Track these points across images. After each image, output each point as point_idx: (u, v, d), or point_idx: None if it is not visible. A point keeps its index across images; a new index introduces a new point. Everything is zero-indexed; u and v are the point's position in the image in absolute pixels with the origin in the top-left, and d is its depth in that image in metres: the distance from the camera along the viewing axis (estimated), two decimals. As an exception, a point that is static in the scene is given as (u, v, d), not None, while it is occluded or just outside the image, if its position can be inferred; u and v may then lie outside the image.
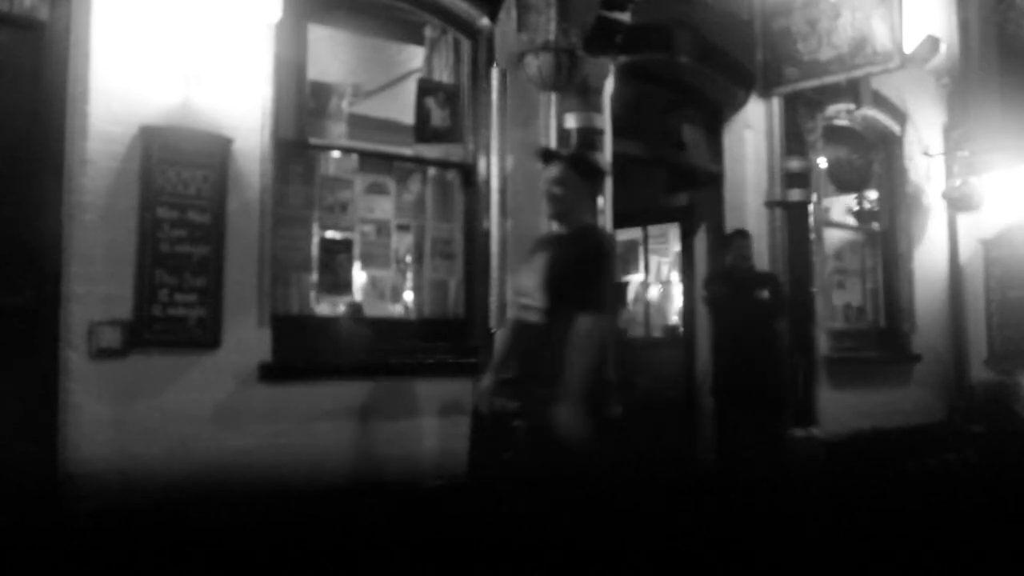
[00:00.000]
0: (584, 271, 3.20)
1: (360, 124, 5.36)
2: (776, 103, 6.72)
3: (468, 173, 5.25)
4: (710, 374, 6.30)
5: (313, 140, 4.86)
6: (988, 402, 7.92)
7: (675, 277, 7.91)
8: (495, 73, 5.24)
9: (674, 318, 7.91)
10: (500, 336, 3.81)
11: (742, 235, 6.21)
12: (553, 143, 5.25)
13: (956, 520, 4.96)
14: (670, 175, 7.18)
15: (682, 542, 4.50)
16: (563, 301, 3.18)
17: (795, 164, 6.74)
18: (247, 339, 4.18)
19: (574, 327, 3.11)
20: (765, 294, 5.99)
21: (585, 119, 5.25)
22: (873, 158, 8.18)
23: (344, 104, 5.25)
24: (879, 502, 5.45)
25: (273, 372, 4.24)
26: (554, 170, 3.42)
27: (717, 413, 6.18)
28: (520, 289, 3.46)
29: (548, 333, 3.22)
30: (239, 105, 4.22)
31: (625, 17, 5.18)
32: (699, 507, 5.20)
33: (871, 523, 4.88)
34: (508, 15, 5.13)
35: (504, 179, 5.20)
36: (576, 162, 3.54)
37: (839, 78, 6.28)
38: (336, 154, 5.00)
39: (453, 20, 5.24)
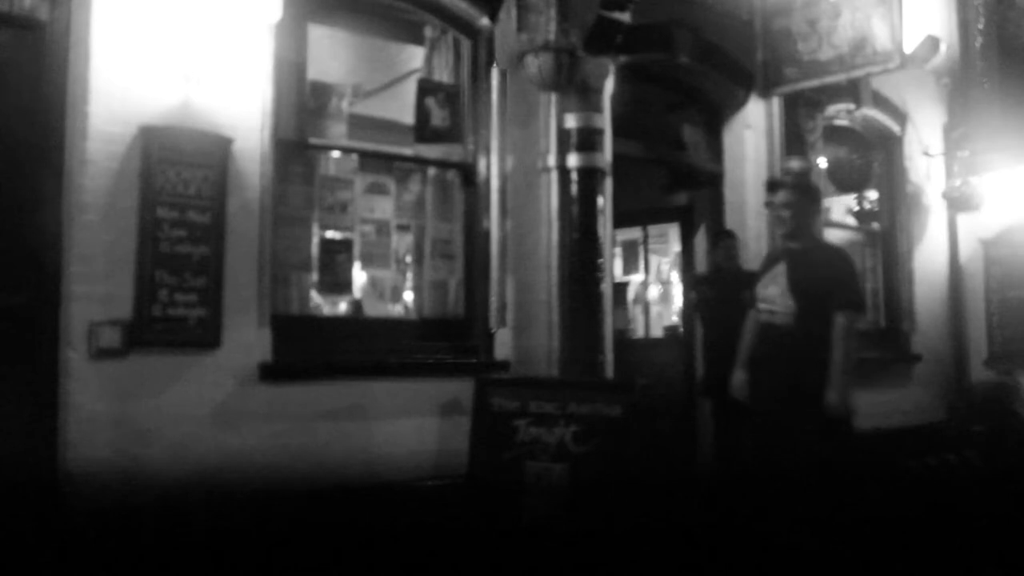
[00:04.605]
0: (834, 278, 3.89)
1: (360, 124, 5.36)
2: (776, 103, 6.72)
3: (468, 173, 5.25)
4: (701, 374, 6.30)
5: (313, 140, 4.86)
6: (988, 402, 7.91)
7: (675, 277, 7.92)
8: (495, 73, 5.23)
9: (674, 318, 7.91)
10: (746, 337, 4.31)
11: (729, 235, 6.22)
12: (553, 143, 5.25)
13: (957, 520, 4.96)
14: (670, 175, 7.17)
15: (680, 543, 4.51)
16: (813, 306, 3.84)
17: (795, 164, 6.73)
18: (247, 339, 4.18)
19: (834, 325, 3.77)
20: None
21: (585, 119, 5.25)
22: (873, 158, 8.18)
23: (344, 104, 5.25)
24: (880, 502, 5.44)
25: (273, 372, 4.24)
26: (781, 196, 4.08)
27: (716, 414, 6.18)
28: (764, 297, 4.07)
29: (799, 334, 3.86)
30: (239, 105, 4.22)
31: (625, 17, 5.18)
32: (699, 507, 5.20)
33: (871, 524, 4.87)
34: (508, 15, 5.13)
35: (504, 179, 5.20)
36: (799, 186, 4.26)
37: (839, 78, 6.28)
38: (336, 154, 5.00)
39: (453, 20, 5.24)
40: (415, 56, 5.51)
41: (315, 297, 4.87)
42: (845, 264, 4.04)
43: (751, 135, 6.72)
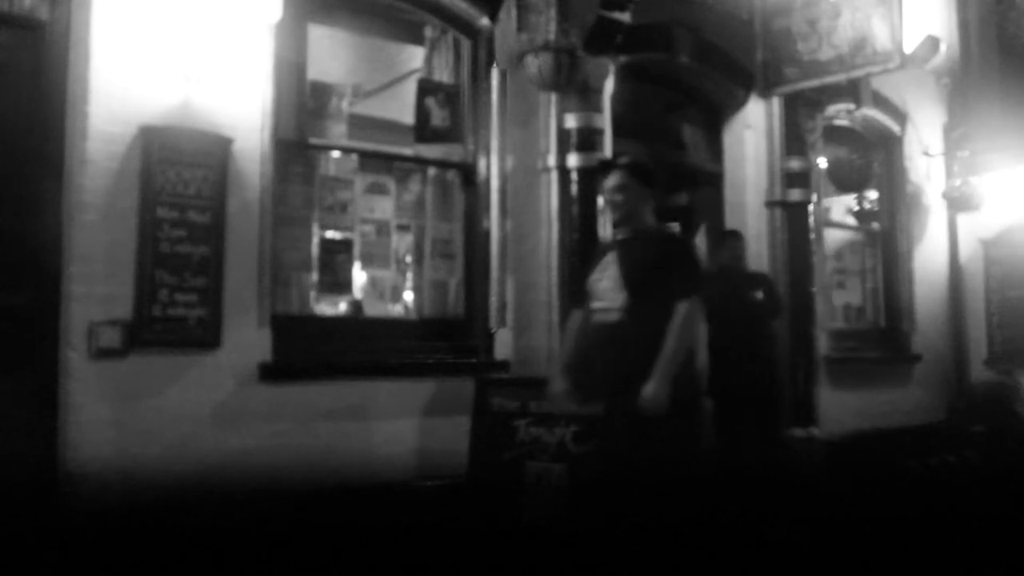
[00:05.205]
0: (671, 265, 3.46)
1: (360, 124, 5.37)
2: (776, 103, 6.72)
3: (468, 173, 5.25)
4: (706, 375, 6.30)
5: (313, 140, 4.87)
6: (988, 402, 7.91)
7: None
8: (495, 73, 5.24)
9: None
10: (567, 339, 3.82)
11: (735, 235, 6.22)
12: (553, 143, 5.25)
13: (957, 520, 4.96)
14: (670, 175, 7.17)
15: (680, 543, 4.50)
16: (648, 297, 3.39)
17: (795, 164, 6.73)
18: (247, 339, 4.18)
19: (674, 314, 3.33)
20: (759, 295, 6.00)
21: (585, 119, 5.25)
22: (873, 158, 8.18)
23: (344, 104, 5.25)
24: (880, 502, 5.45)
25: (273, 372, 4.24)
26: (614, 178, 3.65)
27: (718, 414, 6.18)
28: (595, 293, 3.60)
29: (633, 328, 3.40)
30: (239, 105, 4.22)
31: (625, 17, 5.18)
32: (699, 508, 5.19)
33: (871, 523, 4.87)
34: (508, 15, 5.13)
35: (504, 179, 5.20)
36: (634, 168, 3.75)
37: (839, 78, 6.28)
38: (336, 154, 5.01)
39: (453, 20, 5.24)
40: (415, 56, 5.51)
41: (315, 297, 4.86)
42: (681, 249, 3.66)
43: (751, 135, 6.72)
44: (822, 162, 7.29)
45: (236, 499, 3.97)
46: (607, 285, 3.53)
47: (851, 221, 8.27)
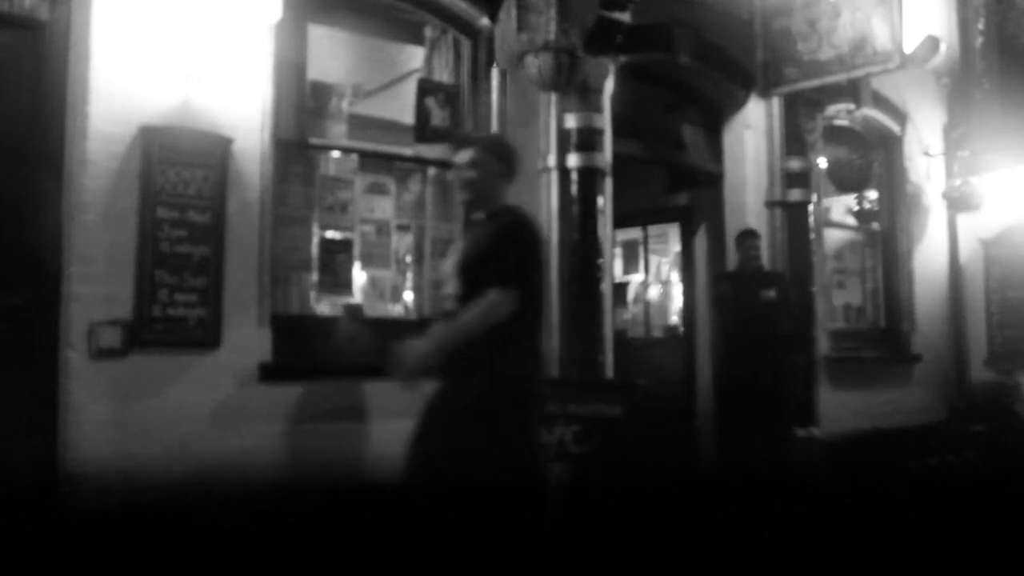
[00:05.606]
0: (496, 249, 3.06)
1: (360, 124, 5.36)
2: (776, 103, 6.72)
3: (468, 173, 5.24)
4: (714, 374, 6.31)
5: (313, 140, 4.86)
6: (988, 402, 7.92)
7: (675, 277, 7.92)
8: (495, 73, 5.24)
9: (674, 318, 7.91)
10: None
11: (751, 235, 6.23)
12: (553, 143, 5.25)
13: (957, 520, 4.96)
14: (670, 175, 7.18)
15: (680, 543, 4.50)
16: (476, 286, 3.02)
17: (795, 164, 6.74)
18: (247, 339, 4.18)
19: (482, 296, 2.96)
20: (772, 294, 6.01)
21: (585, 119, 5.25)
22: (873, 158, 8.19)
23: (344, 104, 5.25)
24: (880, 502, 5.45)
25: (273, 372, 4.24)
26: (467, 154, 3.27)
27: (723, 412, 6.18)
28: (442, 278, 3.35)
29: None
30: (239, 105, 4.22)
31: (625, 17, 5.18)
32: (699, 508, 5.19)
33: (871, 524, 4.87)
34: (508, 15, 5.13)
35: (504, 179, 5.19)
36: (489, 144, 3.44)
37: (839, 78, 6.28)
38: (336, 154, 5.00)
39: (453, 20, 5.24)
40: (415, 56, 5.50)
41: (315, 297, 4.86)
42: (513, 235, 3.14)
43: (751, 135, 6.73)
44: (822, 162, 7.30)
45: (236, 499, 3.97)
46: (450, 271, 3.26)
47: (851, 221, 8.27)
